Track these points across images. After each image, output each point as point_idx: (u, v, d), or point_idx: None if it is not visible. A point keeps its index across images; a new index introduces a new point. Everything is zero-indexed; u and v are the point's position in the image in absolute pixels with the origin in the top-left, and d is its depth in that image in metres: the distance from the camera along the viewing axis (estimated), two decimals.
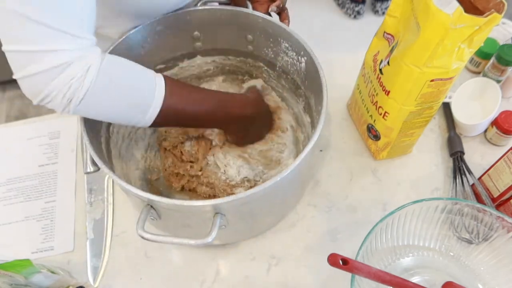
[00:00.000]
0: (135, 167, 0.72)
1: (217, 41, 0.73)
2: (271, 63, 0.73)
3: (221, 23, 0.69)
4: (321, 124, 0.54)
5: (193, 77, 0.80)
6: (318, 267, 0.66)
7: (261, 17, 0.65)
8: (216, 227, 0.50)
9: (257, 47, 0.72)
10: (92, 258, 0.68)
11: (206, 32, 0.71)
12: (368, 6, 2.25)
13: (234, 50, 0.75)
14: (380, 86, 0.65)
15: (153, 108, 0.51)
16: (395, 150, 0.74)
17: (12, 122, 0.88)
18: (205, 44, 0.74)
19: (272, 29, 0.66)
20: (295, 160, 0.51)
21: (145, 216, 0.52)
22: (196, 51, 0.75)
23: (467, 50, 0.55)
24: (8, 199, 0.76)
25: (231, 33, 0.71)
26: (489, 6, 0.51)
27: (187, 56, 0.75)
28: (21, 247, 0.71)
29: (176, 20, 0.67)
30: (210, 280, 0.65)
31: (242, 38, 0.71)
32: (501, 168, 0.65)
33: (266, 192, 0.50)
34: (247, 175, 0.68)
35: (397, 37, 0.62)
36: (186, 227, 0.61)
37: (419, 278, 0.62)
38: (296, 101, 0.75)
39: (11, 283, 0.56)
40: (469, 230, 0.61)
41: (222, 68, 0.79)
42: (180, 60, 0.75)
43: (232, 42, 0.73)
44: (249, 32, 0.69)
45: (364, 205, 0.72)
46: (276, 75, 0.75)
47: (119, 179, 0.51)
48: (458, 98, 0.79)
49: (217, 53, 0.76)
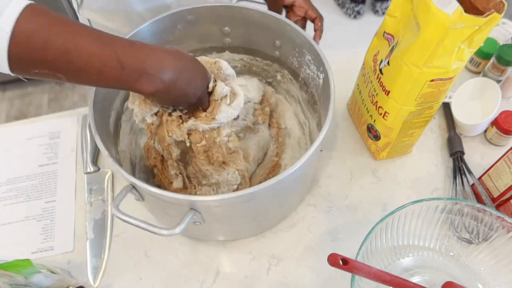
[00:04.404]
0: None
1: (246, 40, 0.73)
2: (295, 72, 0.73)
3: (252, 24, 0.69)
4: (321, 138, 0.54)
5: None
6: (318, 267, 0.66)
7: (289, 25, 0.65)
8: (186, 221, 0.50)
9: (284, 54, 0.71)
10: (92, 258, 0.68)
11: (236, 30, 0.71)
12: (368, 6, 2.25)
13: (262, 52, 0.75)
14: (380, 86, 0.65)
15: (1, 29, 0.37)
16: (395, 150, 0.74)
17: (12, 122, 0.88)
18: (234, 41, 0.74)
19: (298, 39, 0.65)
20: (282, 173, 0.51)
21: (123, 195, 0.52)
22: (225, 46, 0.75)
23: (467, 50, 0.55)
24: (8, 199, 0.76)
25: (261, 35, 0.71)
26: (489, 6, 0.51)
27: (216, 49, 0.76)
28: (21, 247, 0.71)
29: (208, 13, 0.68)
30: (210, 280, 0.66)
31: (270, 42, 0.71)
32: (501, 168, 0.65)
33: (245, 199, 0.51)
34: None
35: (397, 37, 0.62)
36: (166, 215, 0.62)
37: (419, 278, 0.62)
38: (312, 116, 0.74)
39: (11, 283, 0.56)
40: (469, 230, 0.61)
41: (249, 68, 0.79)
42: (208, 52, 0.76)
43: (261, 44, 0.73)
44: (277, 37, 0.69)
45: (364, 205, 0.72)
46: (298, 86, 0.74)
47: (107, 153, 0.52)
48: (458, 98, 0.79)
49: (245, 52, 0.76)
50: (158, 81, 0.46)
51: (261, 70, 0.78)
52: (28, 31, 0.39)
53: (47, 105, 2.02)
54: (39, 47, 0.40)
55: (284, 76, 0.76)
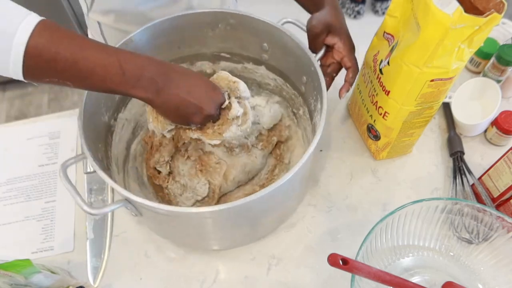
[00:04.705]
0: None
1: (281, 63, 0.72)
2: (311, 114, 0.69)
3: (287, 50, 0.66)
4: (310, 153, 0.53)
5: (255, 83, 0.79)
6: (318, 267, 0.66)
7: (314, 65, 0.61)
8: (112, 208, 0.52)
9: (307, 92, 0.69)
10: (92, 258, 0.68)
11: (274, 49, 0.70)
12: (368, 6, 2.25)
13: (292, 81, 0.73)
14: (380, 86, 0.65)
15: (17, 44, 0.42)
16: (395, 150, 0.74)
17: (12, 122, 0.88)
18: (271, 59, 0.73)
19: (317, 84, 0.61)
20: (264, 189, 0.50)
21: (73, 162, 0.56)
22: (262, 60, 0.74)
23: (467, 50, 0.55)
24: (8, 199, 0.76)
25: (292, 64, 0.68)
26: (489, 6, 0.51)
27: (253, 60, 0.75)
28: (21, 247, 0.71)
29: (249, 23, 0.67)
30: (210, 280, 0.65)
31: (299, 75, 0.68)
32: (501, 168, 0.65)
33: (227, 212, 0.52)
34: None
35: (397, 37, 0.62)
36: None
37: (419, 278, 0.62)
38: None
39: (11, 283, 0.56)
40: (469, 230, 0.61)
41: (280, 91, 0.77)
42: (246, 60, 0.75)
43: (292, 73, 0.72)
44: (305, 73, 0.66)
45: (364, 205, 0.72)
46: (310, 129, 0.71)
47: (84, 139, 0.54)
48: (458, 98, 0.79)
49: (279, 74, 0.74)
50: (152, 87, 0.49)
51: (289, 97, 0.76)
52: (40, 45, 0.43)
53: (47, 105, 2.02)
54: (49, 59, 0.44)
55: (305, 114, 0.73)
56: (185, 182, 0.70)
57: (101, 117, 0.65)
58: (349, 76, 0.66)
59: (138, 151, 0.75)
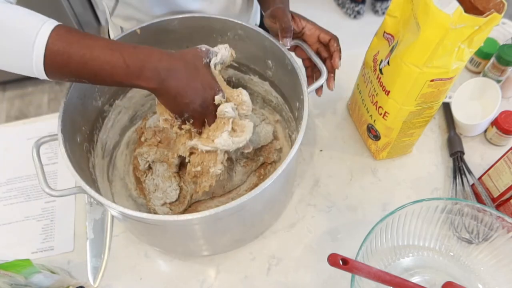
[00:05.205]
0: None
1: (283, 83, 0.72)
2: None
3: (287, 71, 0.65)
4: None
5: (260, 96, 0.80)
6: (318, 267, 0.66)
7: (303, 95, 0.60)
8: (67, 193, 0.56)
9: (299, 119, 0.65)
10: (92, 258, 0.68)
11: (276, 67, 0.70)
12: (368, 6, 2.25)
13: (289, 104, 0.72)
14: (380, 86, 0.65)
15: (37, 50, 0.47)
16: (395, 150, 0.74)
17: (12, 122, 0.88)
18: (274, 77, 0.73)
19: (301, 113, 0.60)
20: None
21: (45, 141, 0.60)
22: (267, 76, 0.74)
23: (467, 50, 0.55)
24: (8, 199, 0.76)
25: (291, 88, 0.66)
26: (489, 6, 0.51)
27: (259, 74, 0.75)
28: (21, 247, 0.71)
29: (256, 37, 0.67)
30: (210, 280, 0.65)
31: (295, 101, 0.67)
32: (501, 168, 0.65)
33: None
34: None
35: (397, 37, 0.62)
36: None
37: (419, 278, 0.62)
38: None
39: (11, 283, 0.56)
40: (469, 230, 0.61)
41: (280, 110, 0.77)
42: (252, 73, 0.76)
43: (289, 95, 0.71)
44: (298, 100, 0.64)
45: (364, 205, 0.72)
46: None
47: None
48: (458, 98, 0.79)
49: (280, 94, 0.74)
50: (155, 77, 0.51)
51: (287, 119, 0.75)
52: (55, 50, 0.48)
53: (47, 105, 2.02)
54: (64, 61, 0.49)
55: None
56: (158, 182, 0.70)
57: (93, 101, 0.66)
58: (334, 46, 0.66)
59: (132, 139, 0.77)
